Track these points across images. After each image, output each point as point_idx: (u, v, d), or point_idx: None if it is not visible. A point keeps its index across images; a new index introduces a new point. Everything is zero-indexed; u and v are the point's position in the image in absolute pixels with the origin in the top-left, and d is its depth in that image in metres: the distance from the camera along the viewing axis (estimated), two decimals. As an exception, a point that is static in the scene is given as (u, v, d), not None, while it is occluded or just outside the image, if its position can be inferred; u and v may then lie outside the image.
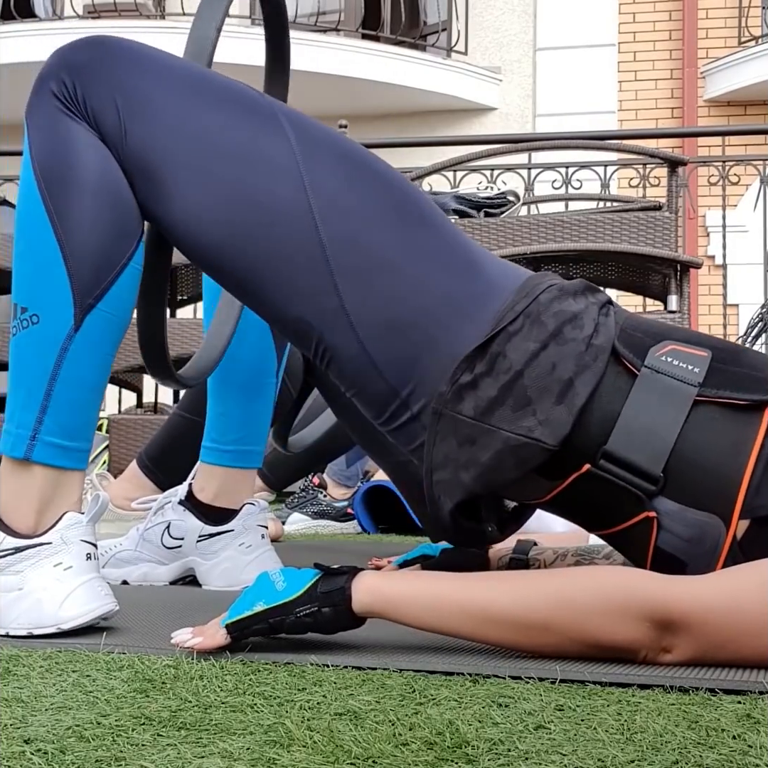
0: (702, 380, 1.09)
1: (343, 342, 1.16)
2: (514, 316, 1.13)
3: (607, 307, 1.17)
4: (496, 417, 1.10)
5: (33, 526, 1.19)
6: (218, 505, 1.62)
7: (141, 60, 1.20)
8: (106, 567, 1.67)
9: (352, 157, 1.20)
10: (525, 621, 1.00)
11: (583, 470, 1.09)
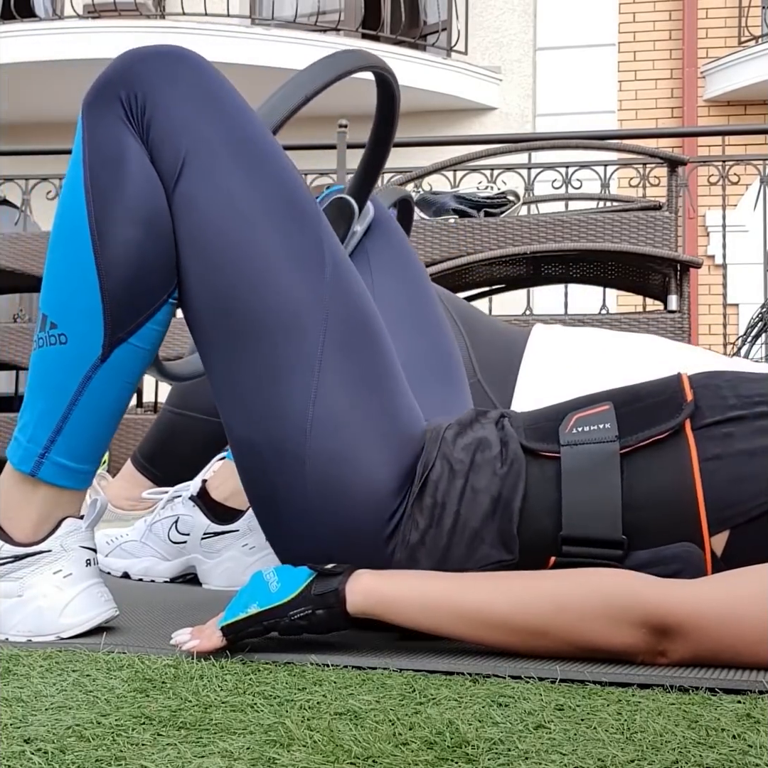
0: (617, 432, 1.11)
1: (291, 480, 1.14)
2: (431, 463, 1.15)
3: (500, 421, 1.20)
4: (455, 561, 1.12)
5: (30, 536, 1.18)
6: (229, 505, 1.62)
7: (222, 103, 1.15)
8: (110, 556, 1.68)
9: (368, 340, 1.17)
10: (520, 625, 1.00)
11: (551, 564, 1.10)
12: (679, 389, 1.14)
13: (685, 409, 1.11)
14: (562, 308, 4.34)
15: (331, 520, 1.13)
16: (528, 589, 1.01)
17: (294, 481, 1.13)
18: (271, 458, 1.13)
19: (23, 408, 1.19)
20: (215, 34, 6.91)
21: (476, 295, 4.19)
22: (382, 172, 1.48)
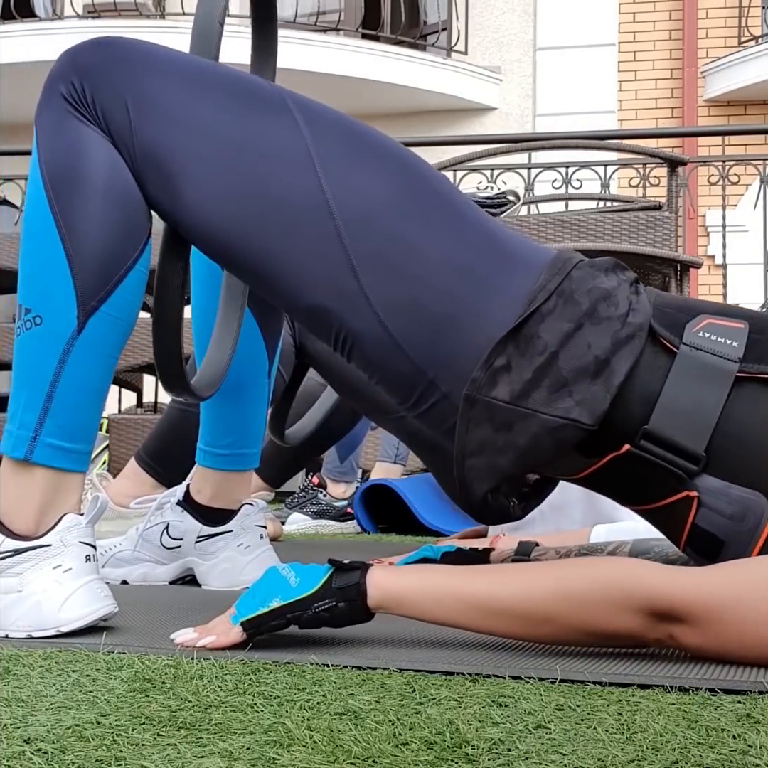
0: (742, 355, 1.08)
1: (365, 326, 1.14)
2: (546, 295, 1.10)
3: (636, 285, 1.15)
4: (532, 400, 1.08)
5: (33, 528, 1.18)
6: (215, 506, 1.62)
7: (149, 59, 1.20)
8: (106, 567, 1.67)
9: (362, 138, 1.19)
10: (527, 612, 1.00)
11: (623, 450, 1.08)
12: None
13: None
14: (562, 308, 4.33)
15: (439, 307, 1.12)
16: (535, 578, 1.01)
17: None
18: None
19: (10, 400, 1.20)
20: (215, 34, 6.90)
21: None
22: None
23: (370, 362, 1.17)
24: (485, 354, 1.10)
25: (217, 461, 1.61)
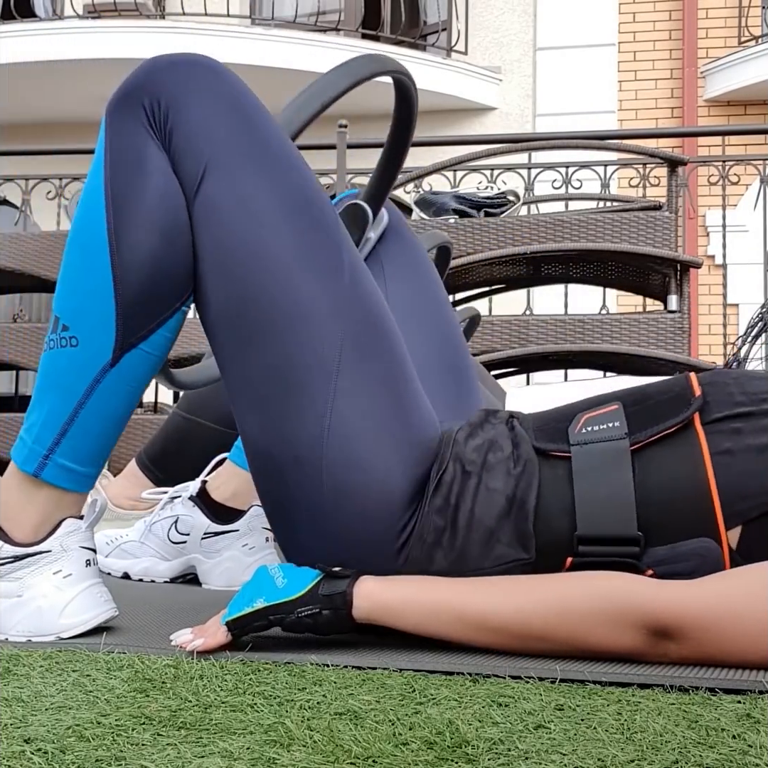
0: (627, 429, 1.12)
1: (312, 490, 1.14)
2: (444, 466, 1.16)
3: (510, 421, 1.21)
4: (471, 561, 1.12)
5: (30, 536, 1.18)
6: (230, 505, 1.63)
7: (242, 111, 1.15)
8: (110, 557, 1.68)
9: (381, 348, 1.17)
10: (521, 629, 1.01)
11: (569, 564, 1.10)
12: (687, 386, 1.14)
13: (693, 404, 1.11)
14: (562, 308, 4.35)
15: (346, 526, 1.13)
16: (529, 593, 1.01)
17: (309, 488, 1.13)
18: (287, 465, 1.13)
19: (30, 408, 1.19)
20: (215, 34, 6.91)
21: (476, 295, 4.19)
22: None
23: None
24: (414, 536, 1.13)
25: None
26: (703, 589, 0.98)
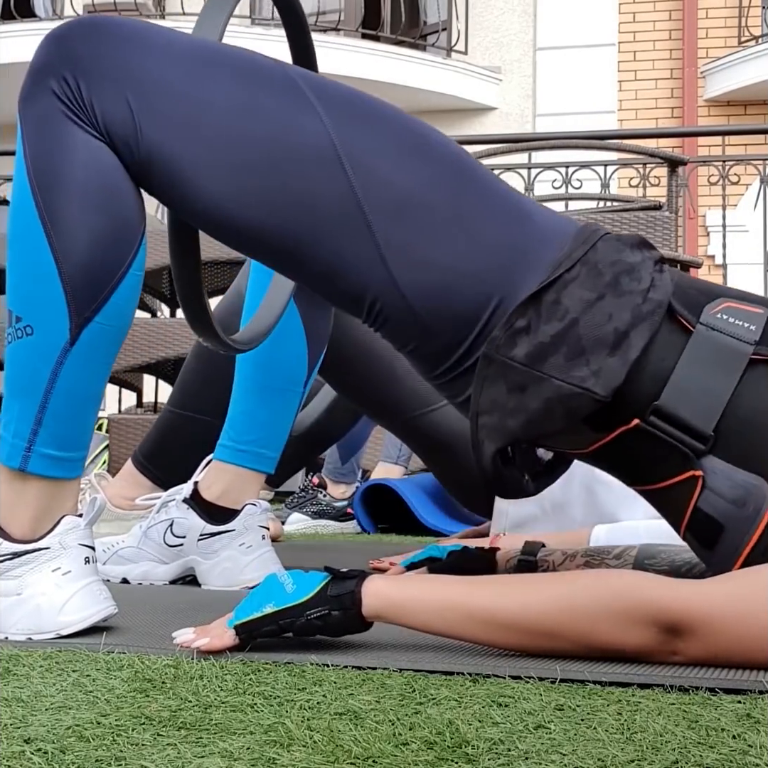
0: (758, 338, 1.08)
1: (395, 306, 1.13)
2: (571, 263, 1.11)
3: (660, 263, 1.15)
4: (548, 365, 1.08)
5: (29, 533, 1.18)
6: (222, 504, 1.62)
7: (146, 41, 1.15)
8: (108, 564, 1.68)
9: (380, 116, 1.16)
10: (532, 627, 1.00)
11: (632, 425, 1.07)
12: None
13: None
14: (562, 308, 4.33)
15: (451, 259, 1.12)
16: (539, 590, 1.01)
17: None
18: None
19: (4, 406, 1.19)
20: (215, 34, 6.90)
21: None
22: None
23: (399, 337, 1.18)
24: (506, 315, 1.10)
25: (235, 456, 1.62)
26: (714, 587, 0.97)
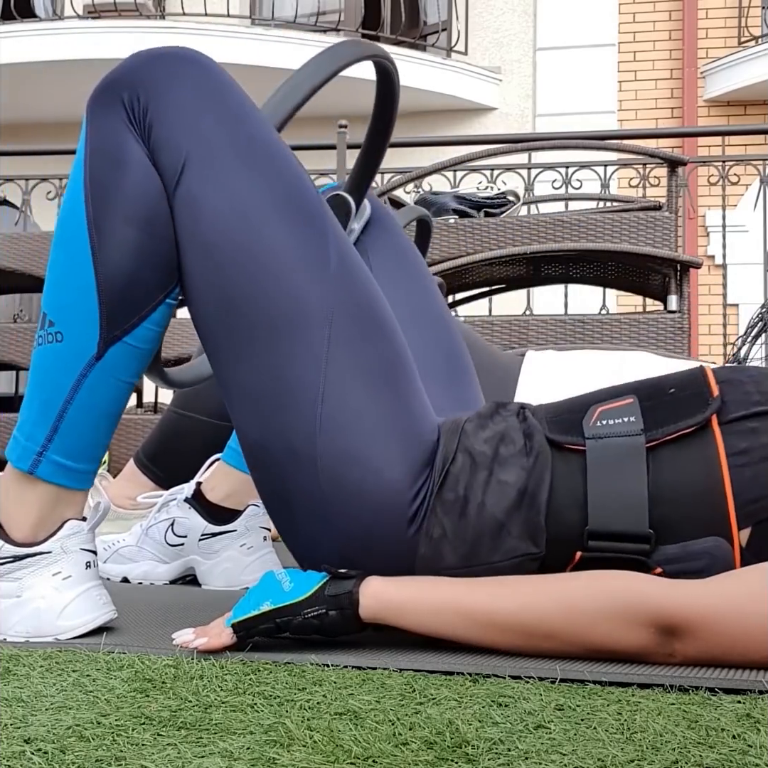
0: (642, 425, 1.11)
1: (303, 464, 1.13)
2: (452, 456, 1.14)
3: (522, 412, 1.19)
4: (481, 555, 1.11)
5: (30, 537, 1.18)
6: (226, 506, 1.63)
7: (225, 103, 1.14)
8: (108, 562, 1.68)
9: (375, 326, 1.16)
10: (529, 628, 1.00)
11: (577, 559, 1.09)
12: (705, 383, 1.13)
13: (712, 404, 1.10)
14: (562, 308, 4.34)
15: (348, 522, 1.12)
16: (537, 591, 1.01)
17: (307, 482, 1.12)
18: (283, 459, 1.13)
19: (23, 406, 1.19)
20: (215, 34, 6.91)
21: (476, 295, 4.19)
22: (382, 172, 1.48)
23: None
24: (421, 530, 1.12)
25: (243, 462, 1.61)
26: (711, 588, 0.98)
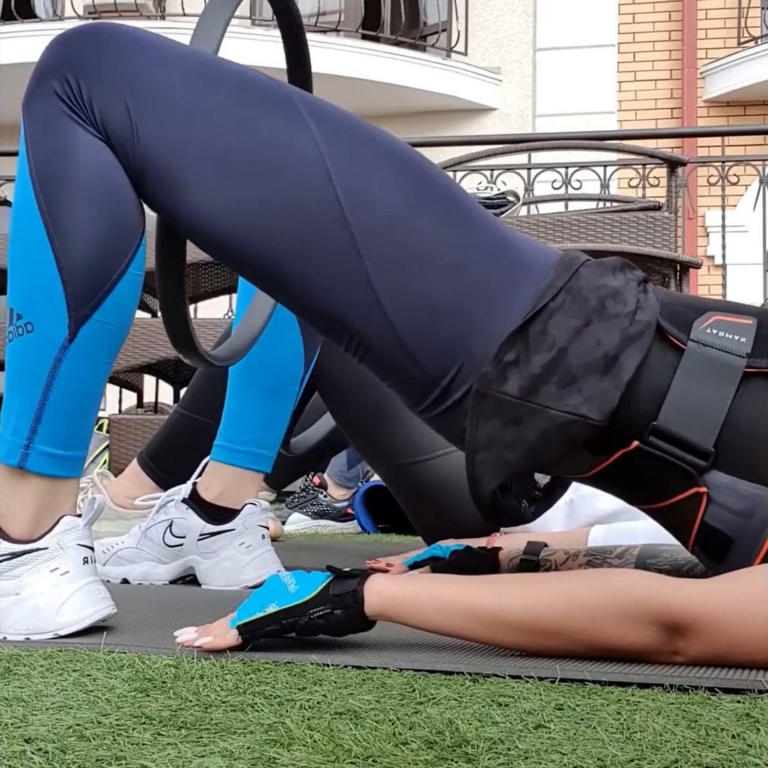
0: (750, 350, 1.08)
1: (379, 334, 1.13)
2: (555, 291, 1.11)
3: (644, 284, 1.15)
4: (541, 395, 1.08)
5: (27, 533, 1.18)
6: (221, 505, 1.62)
7: (146, 50, 1.16)
8: (107, 565, 1.68)
9: (372, 140, 1.17)
10: (534, 626, 1.00)
11: (632, 447, 1.07)
12: None
13: None
14: (562, 308, 4.34)
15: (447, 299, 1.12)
16: (540, 589, 1.01)
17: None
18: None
19: (3, 405, 1.20)
20: (215, 35, 6.90)
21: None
22: None
23: (382, 369, 1.17)
24: (494, 349, 1.10)
25: (233, 457, 1.62)
26: (716, 587, 0.97)
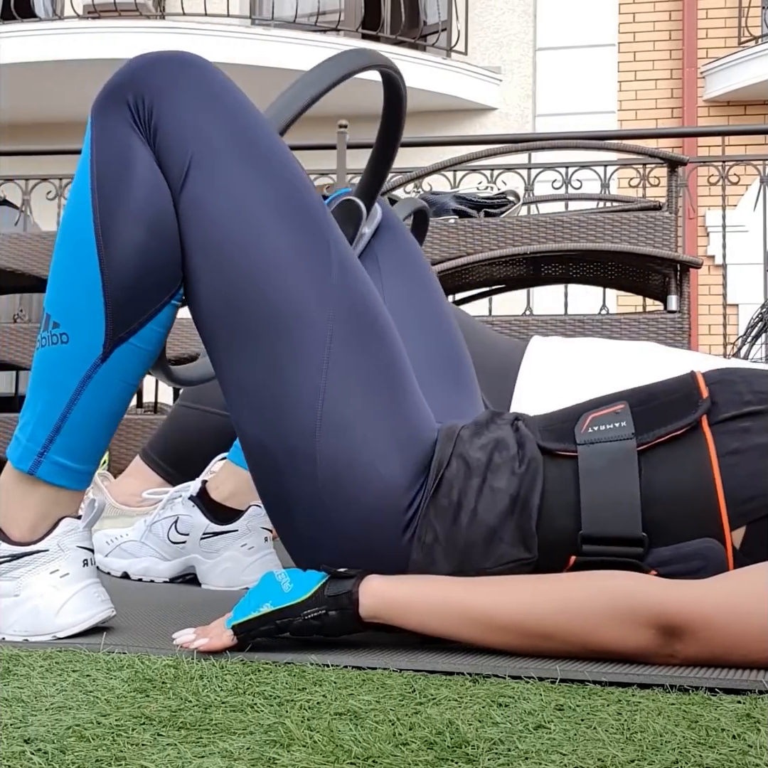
0: (633, 430, 1.12)
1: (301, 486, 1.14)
2: (446, 462, 1.15)
3: (515, 423, 1.20)
4: (473, 561, 1.11)
5: (27, 535, 1.18)
6: (229, 505, 1.63)
7: (228, 107, 1.15)
8: (110, 556, 1.68)
9: (373, 326, 1.16)
10: (528, 628, 1.00)
11: (572, 563, 1.10)
12: (695, 386, 1.14)
13: (701, 406, 1.11)
14: (562, 308, 4.34)
15: (344, 522, 1.12)
16: (536, 591, 1.01)
17: (305, 482, 1.12)
18: (282, 458, 1.13)
19: (24, 407, 1.19)
20: (215, 35, 6.91)
21: (476, 295, 4.19)
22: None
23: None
24: (414, 535, 1.12)
25: None
26: (712, 588, 0.98)
